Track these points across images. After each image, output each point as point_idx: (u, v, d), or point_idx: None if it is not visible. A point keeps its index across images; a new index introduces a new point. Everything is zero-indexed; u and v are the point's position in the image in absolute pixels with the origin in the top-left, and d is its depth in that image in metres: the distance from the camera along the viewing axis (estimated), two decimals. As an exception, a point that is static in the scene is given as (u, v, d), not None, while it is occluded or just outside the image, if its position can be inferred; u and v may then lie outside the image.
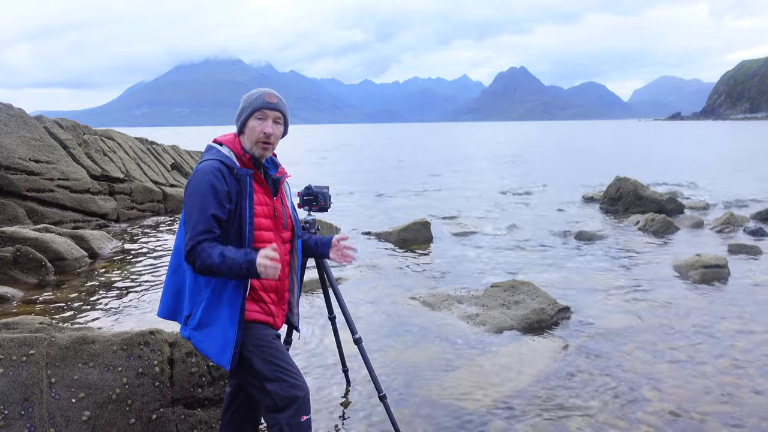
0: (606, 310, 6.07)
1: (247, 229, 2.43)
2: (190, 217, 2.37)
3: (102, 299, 6.48)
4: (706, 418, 3.79)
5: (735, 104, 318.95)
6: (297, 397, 2.43)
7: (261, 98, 2.51)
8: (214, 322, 2.42)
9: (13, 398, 2.73)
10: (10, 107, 11.68)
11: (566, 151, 41.52)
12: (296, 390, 2.44)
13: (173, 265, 2.56)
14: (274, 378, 2.43)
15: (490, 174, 24.02)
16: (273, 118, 2.53)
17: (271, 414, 2.44)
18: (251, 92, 2.60)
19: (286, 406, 2.41)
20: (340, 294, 3.22)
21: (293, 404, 2.42)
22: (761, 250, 8.60)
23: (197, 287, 2.46)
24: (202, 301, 2.44)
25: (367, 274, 7.66)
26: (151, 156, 15.60)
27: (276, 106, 2.52)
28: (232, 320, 2.41)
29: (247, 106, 2.53)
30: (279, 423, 2.41)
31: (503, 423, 3.75)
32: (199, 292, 2.45)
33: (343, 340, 3.83)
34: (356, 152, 45.52)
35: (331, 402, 4.06)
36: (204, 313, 2.43)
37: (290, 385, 2.44)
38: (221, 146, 2.54)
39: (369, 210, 13.96)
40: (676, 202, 12.67)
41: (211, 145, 2.57)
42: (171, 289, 2.58)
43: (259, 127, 2.50)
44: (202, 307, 2.43)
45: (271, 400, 2.42)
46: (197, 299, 2.45)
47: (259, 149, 2.53)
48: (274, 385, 2.42)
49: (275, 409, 2.42)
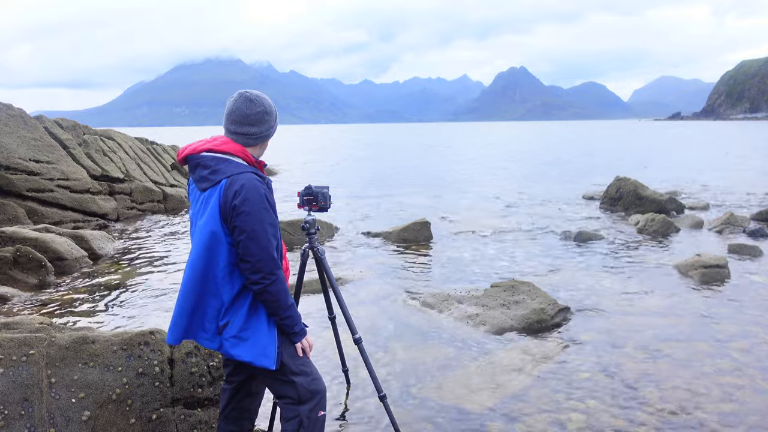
0: (606, 310, 6.07)
1: (279, 234, 2.50)
2: (259, 233, 2.34)
3: (102, 299, 6.48)
4: (706, 418, 3.79)
5: (735, 104, 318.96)
6: (319, 391, 2.56)
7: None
8: (256, 327, 2.47)
9: (13, 398, 2.73)
10: (10, 107, 11.69)
11: (566, 151, 41.51)
12: (319, 384, 2.58)
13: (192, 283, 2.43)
14: (300, 372, 2.54)
15: (490, 174, 24.02)
16: None
17: (291, 406, 2.53)
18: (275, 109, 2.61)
19: (308, 399, 2.53)
20: (340, 294, 3.22)
21: (314, 398, 2.54)
22: (761, 251, 8.60)
23: (237, 297, 2.45)
24: (242, 308, 2.45)
25: (367, 274, 7.66)
26: (151, 156, 15.60)
27: None
28: (272, 322, 2.49)
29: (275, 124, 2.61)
30: (299, 415, 2.51)
31: (503, 423, 3.75)
32: (239, 301, 2.46)
33: (343, 340, 3.83)
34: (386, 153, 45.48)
35: (332, 402, 4.05)
36: (245, 320, 2.45)
37: (314, 380, 2.57)
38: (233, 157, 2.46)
39: (369, 209, 13.96)
40: (676, 202, 12.67)
41: (224, 157, 2.45)
42: (187, 310, 2.47)
43: None
44: (243, 313, 2.45)
45: (296, 393, 2.52)
46: (235, 308, 2.46)
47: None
48: (300, 378, 2.53)
49: (297, 402, 2.52)
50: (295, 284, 3.32)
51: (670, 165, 26.82)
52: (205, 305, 2.48)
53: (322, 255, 3.22)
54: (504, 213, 13.24)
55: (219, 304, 2.46)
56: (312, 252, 3.24)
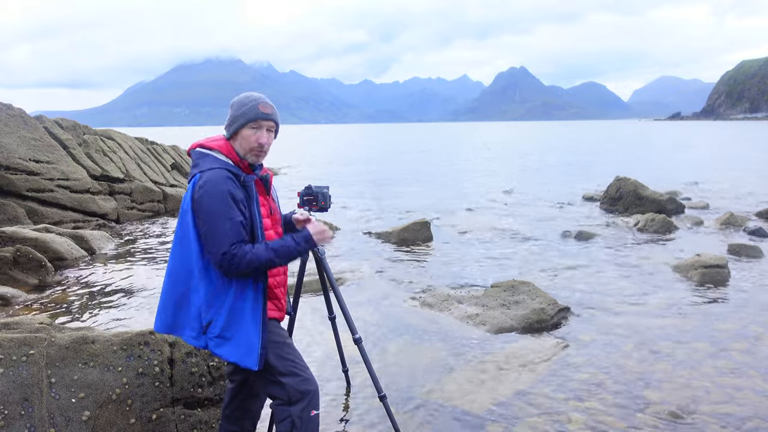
0: (606, 310, 6.07)
1: (259, 232, 2.48)
2: (215, 227, 2.35)
3: (102, 299, 6.48)
4: (706, 418, 3.79)
5: (735, 104, 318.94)
6: (309, 391, 2.52)
7: (255, 108, 2.52)
8: (239, 326, 2.44)
9: (13, 398, 2.73)
10: (10, 107, 11.69)
11: (566, 151, 41.52)
12: (309, 384, 2.54)
13: (174, 276, 2.52)
14: (289, 373, 2.52)
15: (490, 174, 24.01)
16: (267, 128, 2.56)
17: (282, 407, 2.51)
18: (243, 99, 2.57)
19: (298, 400, 2.50)
20: (340, 294, 3.22)
21: (305, 398, 2.51)
22: (761, 250, 8.60)
23: (216, 295, 2.44)
24: (223, 307, 2.44)
25: (367, 274, 7.65)
26: (151, 156, 15.60)
27: (270, 117, 2.55)
28: (255, 322, 2.46)
29: (241, 115, 2.51)
30: (290, 416, 2.48)
31: (503, 423, 3.75)
32: (218, 300, 2.45)
33: (343, 341, 3.83)
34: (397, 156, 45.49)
35: (331, 402, 4.06)
36: (227, 319, 2.44)
37: (303, 380, 2.53)
38: (217, 153, 2.51)
39: (369, 209, 13.95)
40: (676, 202, 12.66)
41: (205, 153, 2.52)
42: (171, 301, 2.53)
43: (254, 137, 2.52)
44: (225, 312, 2.44)
45: (285, 394, 2.50)
46: (216, 306, 2.45)
47: (252, 157, 2.56)
48: (289, 379, 2.51)
49: (287, 403, 2.50)
50: (295, 284, 3.32)
51: (670, 165, 26.82)
52: (189, 301, 2.50)
53: (322, 255, 3.22)
54: (504, 213, 13.24)
55: (199, 300, 2.47)
56: (312, 252, 3.24)
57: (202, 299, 2.46)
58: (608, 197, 13.45)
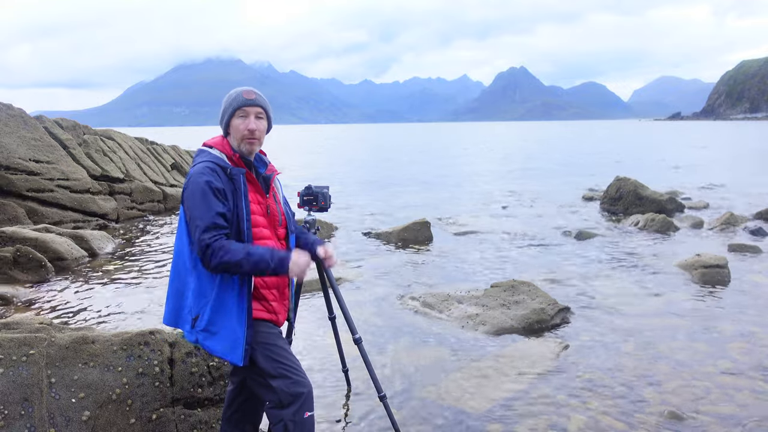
0: (606, 310, 6.07)
1: (245, 226, 2.48)
2: (195, 218, 2.40)
3: (102, 299, 6.48)
4: (706, 418, 3.79)
5: (735, 104, 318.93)
6: (301, 393, 2.48)
7: (240, 96, 2.59)
8: (223, 320, 2.46)
9: (13, 398, 2.73)
10: (10, 107, 11.69)
11: (566, 151, 41.51)
12: (300, 387, 2.49)
13: (175, 271, 2.58)
14: (279, 375, 2.48)
15: (490, 174, 24.01)
16: (254, 114, 2.60)
17: (274, 410, 2.48)
18: (230, 93, 2.66)
19: (290, 403, 2.45)
20: (340, 294, 3.22)
21: (297, 401, 2.46)
22: (761, 250, 8.60)
23: (203, 289, 2.47)
24: (208, 301, 2.46)
25: (367, 274, 7.66)
26: (151, 156, 15.60)
27: (255, 102, 2.60)
28: (240, 318, 2.46)
29: (227, 106, 2.61)
30: (283, 419, 2.45)
31: (503, 423, 3.75)
32: (205, 294, 2.47)
33: (343, 341, 3.83)
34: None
35: (331, 402, 4.06)
36: (212, 313, 2.46)
37: (294, 382, 2.48)
38: (211, 149, 2.60)
39: (369, 210, 13.96)
40: (676, 201, 12.67)
41: (202, 149, 2.62)
42: (172, 295, 2.60)
43: (243, 125, 2.57)
44: (210, 307, 2.46)
45: (276, 397, 2.47)
46: (203, 300, 2.47)
47: (246, 146, 2.60)
48: (279, 381, 2.47)
49: (279, 406, 2.47)
50: (295, 284, 3.31)
51: (671, 165, 26.82)
52: (184, 296, 2.54)
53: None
54: (504, 213, 13.24)
55: (190, 295, 2.51)
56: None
57: (192, 293, 2.50)
58: (608, 197, 13.45)
